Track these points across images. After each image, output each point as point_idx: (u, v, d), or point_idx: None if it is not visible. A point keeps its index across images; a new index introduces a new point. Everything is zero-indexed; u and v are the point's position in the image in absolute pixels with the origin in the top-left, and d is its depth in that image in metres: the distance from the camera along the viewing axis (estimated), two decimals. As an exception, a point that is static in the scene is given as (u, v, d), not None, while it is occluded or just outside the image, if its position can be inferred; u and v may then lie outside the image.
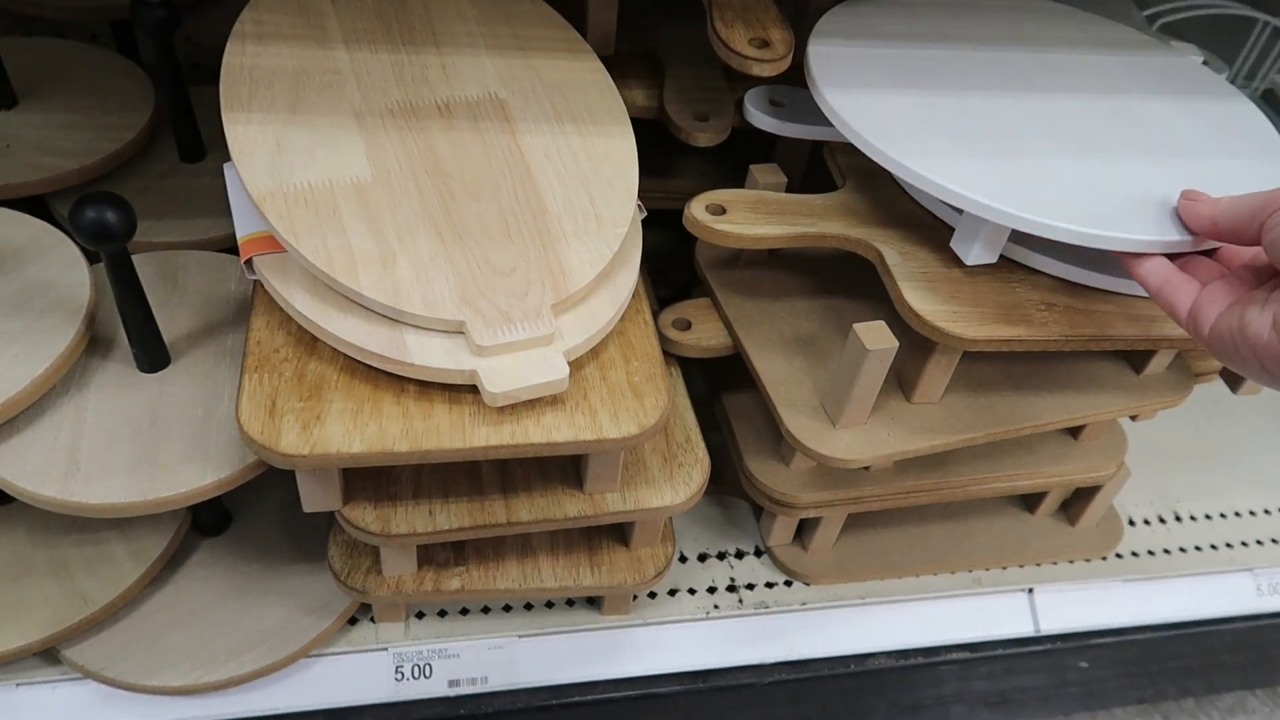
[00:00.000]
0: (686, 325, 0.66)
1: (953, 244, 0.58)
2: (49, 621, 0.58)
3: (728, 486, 0.73)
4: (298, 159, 0.52)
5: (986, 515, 0.76)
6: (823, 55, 0.61)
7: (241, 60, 0.55)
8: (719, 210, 0.59)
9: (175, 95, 0.66)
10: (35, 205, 0.63)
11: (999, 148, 0.56)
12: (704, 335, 0.65)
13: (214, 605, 0.63)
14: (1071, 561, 0.76)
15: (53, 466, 0.51)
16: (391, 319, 0.49)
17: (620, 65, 0.64)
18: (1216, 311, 0.46)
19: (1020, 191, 0.53)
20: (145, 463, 0.51)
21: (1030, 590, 0.74)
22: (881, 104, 0.58)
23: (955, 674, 0.76)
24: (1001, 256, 0.58)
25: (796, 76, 0.61)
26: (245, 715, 0.63)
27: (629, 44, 0.68)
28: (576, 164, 0.56)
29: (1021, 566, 0.75)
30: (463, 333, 0.49)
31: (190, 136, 0.68)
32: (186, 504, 0.51)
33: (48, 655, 0.61)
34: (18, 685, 0.61)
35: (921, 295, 0.56)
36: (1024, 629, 0.74)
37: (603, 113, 0.59)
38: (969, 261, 0.57)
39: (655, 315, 0.64)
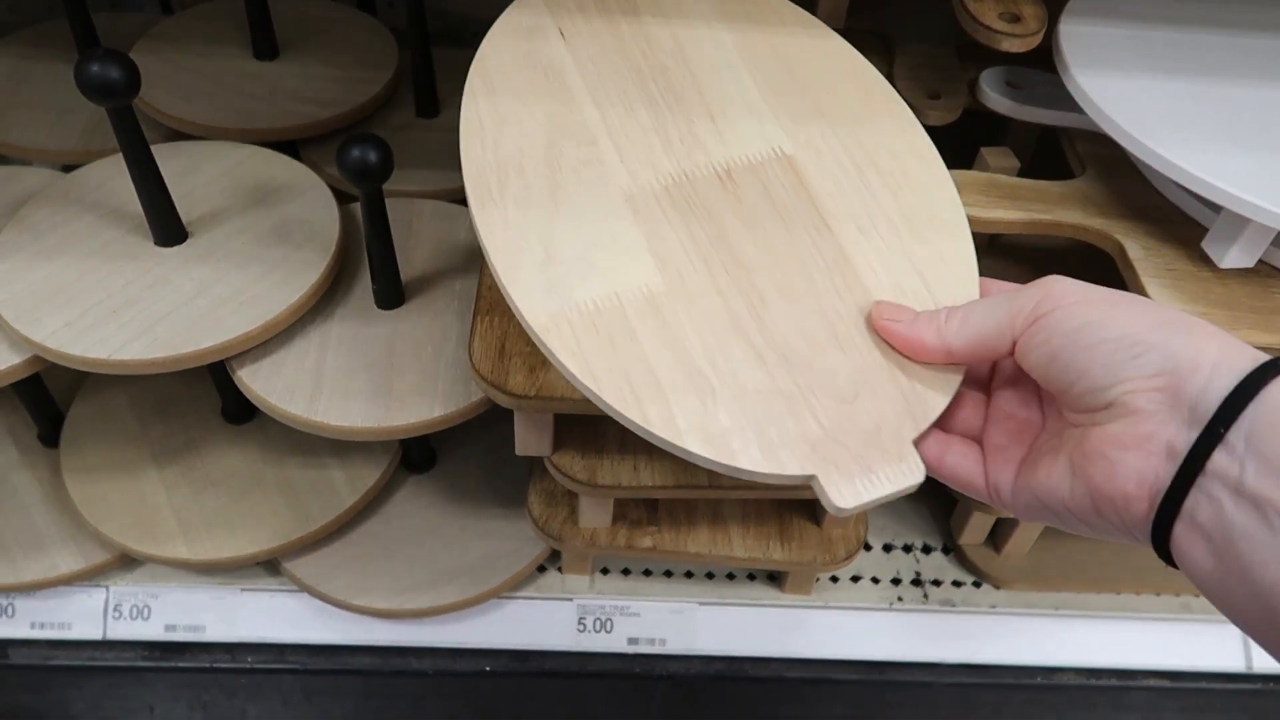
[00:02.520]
0: (898, 308, 0.64)
1: (1205, 244, 0.54)
2: (275, 534, 0.62)
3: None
4: (574, 269, 0.40)
5: (1200, 539, 0.71)
6: (1075, 35, 0.58)
7: (481, 140, 0.45)
8: (948, 190, 0.57)
9: (420, 54, 0.70)
10: (288, 148, 0.68)
11: (1267, 142, 0.52)
12: (915, 320, 0.64)
13: (416, 538, 0.67)
14: (1294, 599, 0.70)
15: (300, 387, 0.54)
16: None
17: (849, 41, 0.63)
18: (1008, 480, 0.37)
19: (1293, 190, 0.49)
20: (380, 392, 0.55)
21: (1245, 623, 0.69)
22: (1137, 89, 0.55)
23: (1148, 702, 0.71)
24: (1260, 261, 0.54)
25: (1034, 59, 0.59)
26: (438, 645, 0.67)
27: (858, 19, 0.67)
28: (896, 235, 0.43)
29: (1236, 597, 0.70)
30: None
31: (428, 93, 0.72)
32: (414, 434, 0.54)
33: (270, 566, 0.66)
34: (242, 590, 0.67)
35: (1167, 293, 0.52)
36: (1234, 665, 0.69)
37: (911, 159, 0.46)
38: (1224, 264, 0.53)
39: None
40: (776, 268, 0.42)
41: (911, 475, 0.37)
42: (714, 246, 0.42)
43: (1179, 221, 0.56)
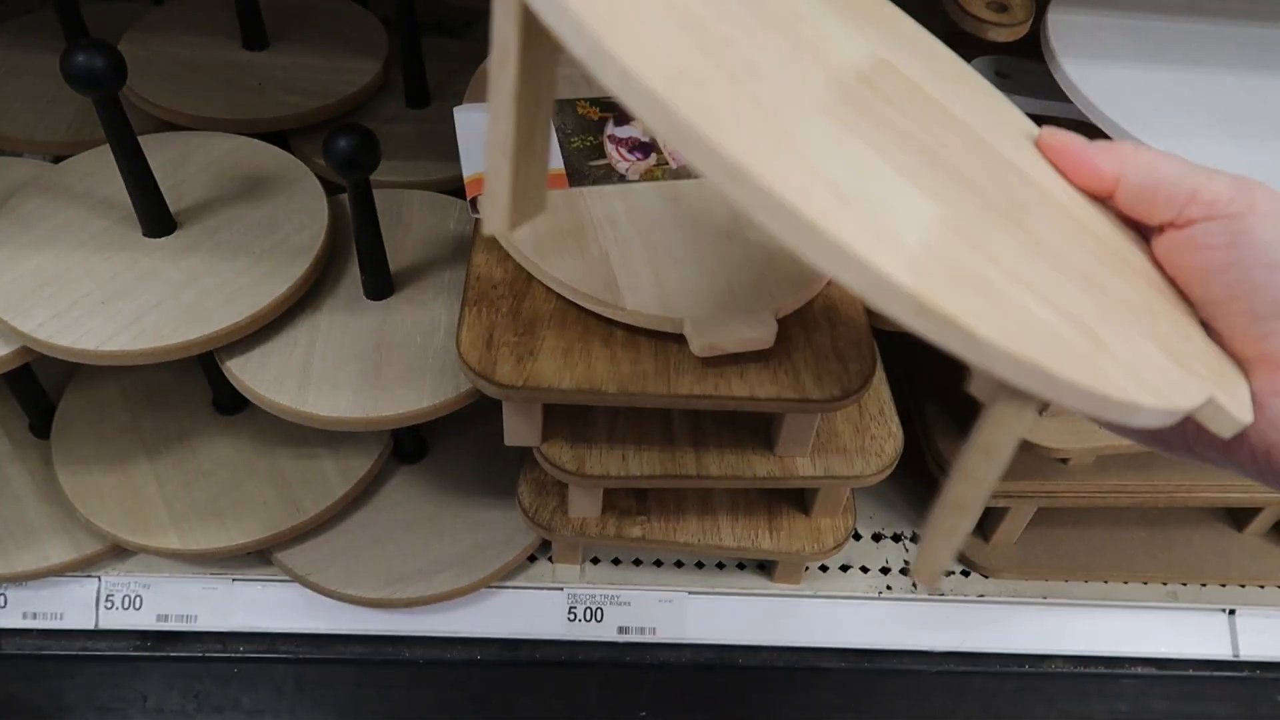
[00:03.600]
0: (887, 298, 0.65)
1: (1191, 232, 0.54)
2: (266, 524, 0.63)
3: (909, 468, 0.71)
4: (870, 205, 0.29)
5: (1187, 526, 0.72)
6: (1063, 24, 0.58)
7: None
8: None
9: (409, 45, 0.69)
10: (277, 139, 0.68)
11: (1255, 131, 0.52)
12: (904, 310, 0.64)
13: (407, 528, 0.67)
14: (1281, 587, 0.71)
15: (288, 377, 0.55)
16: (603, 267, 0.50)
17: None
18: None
19: (1282, 179, 0.49)
20: (369, 383, 0.55)
21: (1232, 612, 0.70)
22: (1125, 79, 0.55)
23: (1136, 690, 0.72)
24: (1246, 248, 0.54)
25: (1022, 48, 0.59)
26: (430, 634, 0.67)
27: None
28: (1006, 128, 0.39)
29: (1223, 586, 0.70)
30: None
31: (418, 84, 0.72)
32: (403, 424, 0.55)
33: (261, 556, 0.66)
34: (233, 580, 0.67)
35: (1153, 282, 0.53)
36: (1221, 652, 0.69)
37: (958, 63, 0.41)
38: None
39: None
40: (986, 172, 0.34)
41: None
42: (931, 156, 0.32)
43: (1166, 211, 0.56)
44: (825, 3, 0.37)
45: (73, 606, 0.66)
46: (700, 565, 0.70)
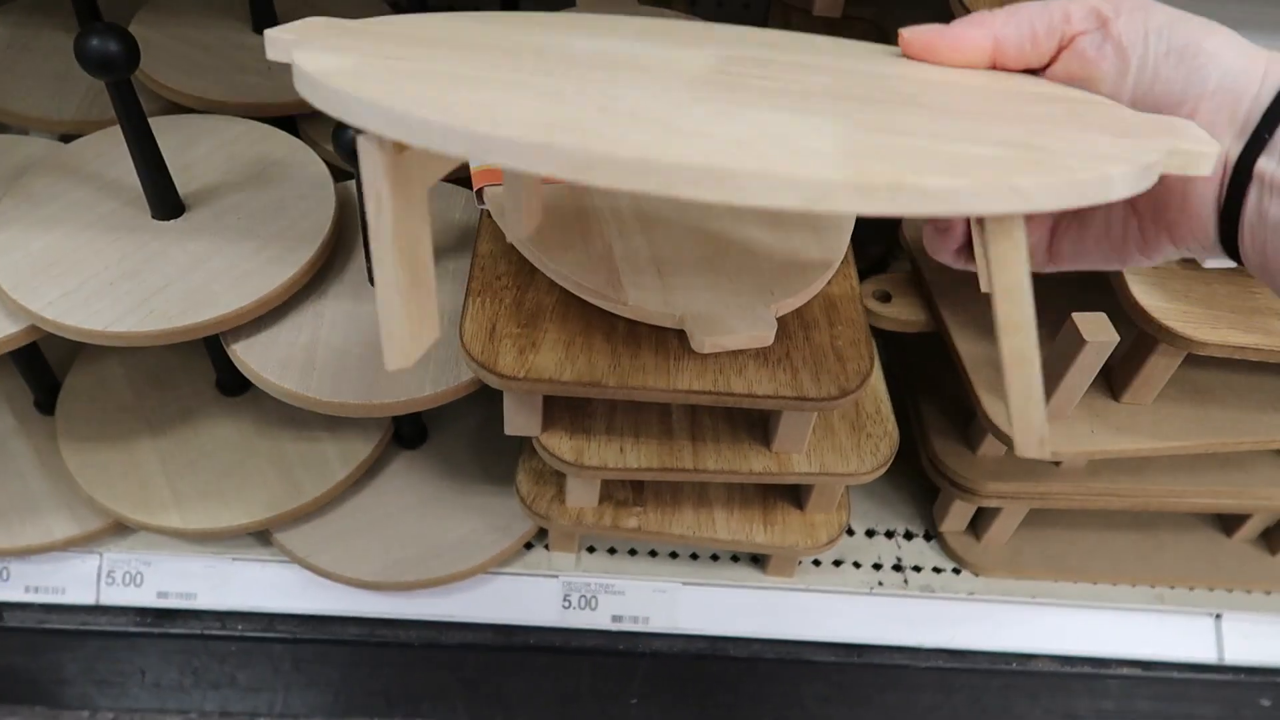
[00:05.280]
0: (886, 297, 0.65)
1: (1188, 240, 0.55)
2: (267, 505, 0.63)
3: (903, 466, 0.72)
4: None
5: (1177, 531, 0.73)
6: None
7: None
8: (939, 183, 0.57)
9: (418, 31, 0.70)
10: (286, 124, 0.68)
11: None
12: (903, 309, 0.65)
13: (406, 512, 0.68)
14: (1268, 593, 0.72)
15: (293, 362, 0.55)
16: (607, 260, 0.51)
17: (845, 29, 0.63)
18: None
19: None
20: (372, 369, 0.55)
21: (1218, 616, 0.70)
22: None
23: (1121, 690, 0.73)
24: (1243, 259, 0.54)
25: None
26: (425, 617, 0.68)
27: (857, 9, 0.67)
28: None
29: (1211, 589, 0.71)
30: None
31: (427, 72, 0.72)
32: (405, 411, 0.55)
33: (261, 536, 0.67)
34: (233, 560, 0.68)
35: (1149, 291, 0.53)
36: (1206, 655, 0.70)
37: None
38: (1208, 264, 0.54)
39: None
40: (869, 88, 0.35)
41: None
42: (818, 94, 0.33)
43: (1165, 220, 0.57)
44: (658, 39, 0.39)
45: (74, 581, 0.67)
46: (694, 557, 0.70)
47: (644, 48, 0.37)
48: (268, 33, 0.34)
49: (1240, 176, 0.35)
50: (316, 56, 0.31)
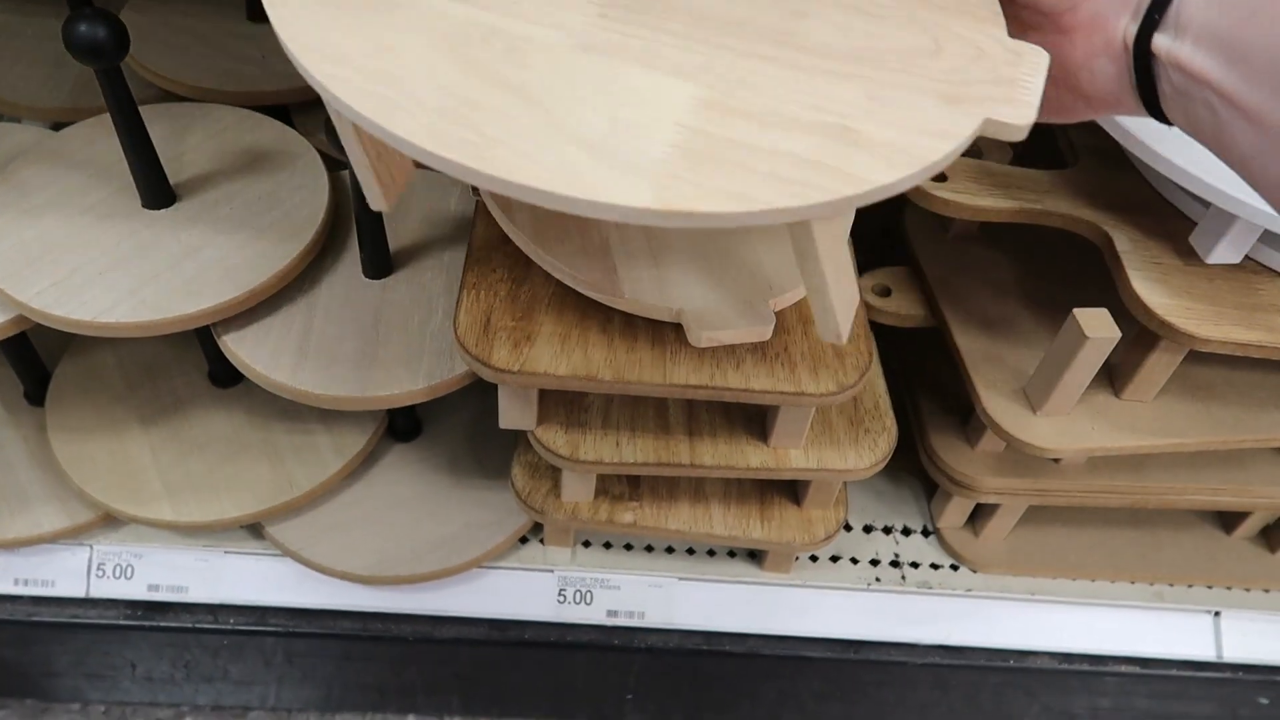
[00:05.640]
0: (886, 292, 0.65)
1: (1193, 239, 0.54)
2: (259, 498, 0.63)
3: (902, 462, 0.72)
4: (628, 137, 0.36)
5: (1176, 528, 0.72)
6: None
7: (394, 107, 0.35)
8: (940, 177, 0.57)
9: (414, 19, 0.69)
10: (279, 113, 0.68)
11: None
12: (903, 304, 0.64)
13: (400, 506, 0.67)
14: (1267, 591, 0.71)
15: (285, 354, 0.55)
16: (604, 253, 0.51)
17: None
18: None
19: None
20: (365, 361, 0.55)
21: (1217, 613, 0.70)
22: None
23: (1119, 687, 0.73)
24: (1247, 258, 0.54)
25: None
26: (419, 612, 0.67)
27: None
28: None
29: (1209, 587, 0.71)
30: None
31: (422, 60, 0.71)
32: (398, 404, 0.55)
33: (254, 529, 0.67)
34: (225, 553, 0.67)
35: (1152, 287, 0.53)
36: (1205, 653, 0.70)
37: None
38: (1210, 260, 0.53)
39: (856, 278, 0.62)
40: (763, 1, 0.39)
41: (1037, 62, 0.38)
42: (702, 27, 0.38)
43: (1168, 215, 0.56)
44: None
45: (64, 574, 0.66)
46: (691, 552, 0.70)
47: None
48: None
49: (1143, 55, 0.37)
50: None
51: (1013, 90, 0.37)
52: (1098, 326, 0.52)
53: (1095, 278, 0.57)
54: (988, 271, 0.65)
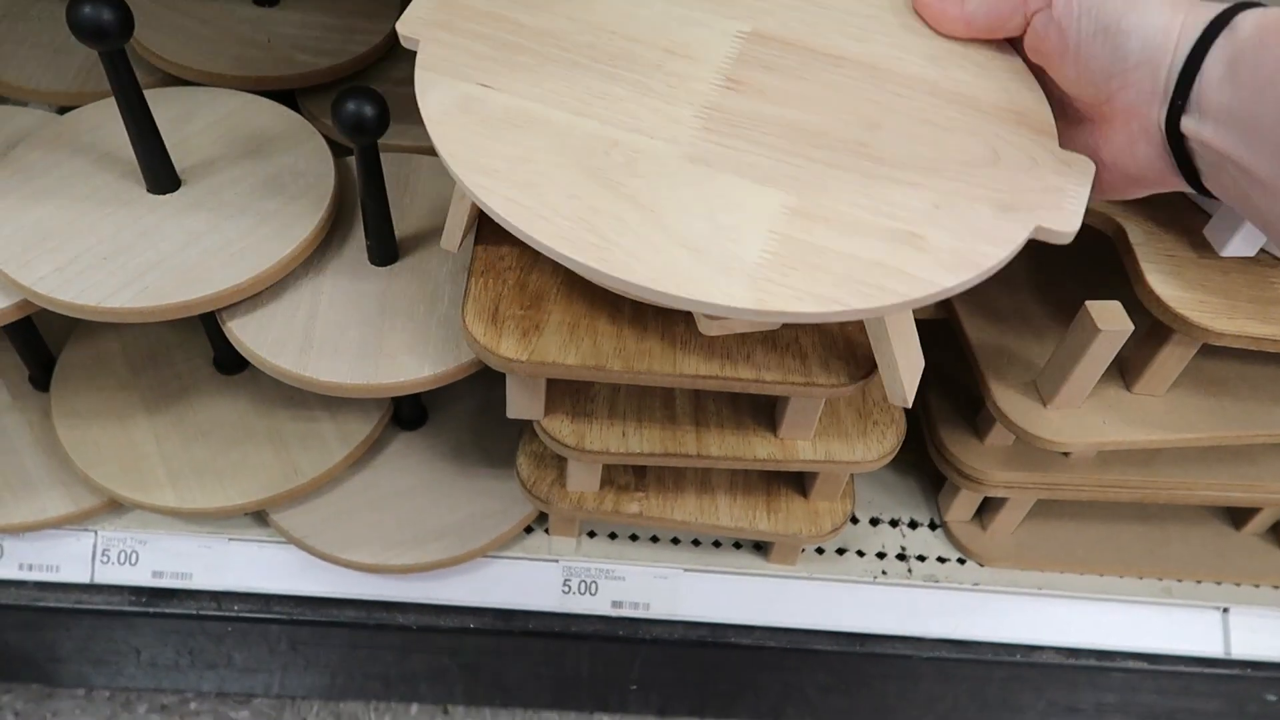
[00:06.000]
0: (896, 283, 0.64)
1: (1207, 231, 0.53)
2: (264, 485, 0.63)
3: (909, 454, 0.71)
4: (723, 240, 0.42)
5: (1185, 523, 0.72)
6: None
7: (533, 214, 0.40)
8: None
9: (422, 4, 0.68)
10: (285, 98, 0.67)
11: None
12: (913, 296, 0.63)
13: (405, 495, 0.67)
14: (1276, 587, 0.71)
15: (290, 341, 0.54)
16: None
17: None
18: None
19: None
20: (371, 349, 0.54)
21: (1225, 610, 0.70)
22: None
23: (1125, 683, 0.72)
24: (1262, 251, 0.53)
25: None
26: (423, 601, 0.67)
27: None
28: (886, 29, 0.49)
29: (1218, 583, 0.70)
30: None
31: (430, 46, 0.71)
32: (403, 393, 0.54)
33: (258, 517, 0.66)
34: (230, 540, 0.67)
35: (1166, 279, 0.52)
36: (1213, 649, 0.69)
37: None
38: (1225, 252, 0.52)
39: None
40: (843, 113, 0.44)
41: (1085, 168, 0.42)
42: (790, 138, 0.43)
43: (1182, 207, 0.56)
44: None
45: (69, 559, 0.66)
46: (696, 543, 0.70)
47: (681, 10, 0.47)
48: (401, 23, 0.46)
49: (1175, 137, 0.40)
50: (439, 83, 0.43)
51: (1061, 199, 0.41)
52: (1110, 319, 0.51)
53: (1107, 270, 0.56)
54: (999, 263, 0.65)
